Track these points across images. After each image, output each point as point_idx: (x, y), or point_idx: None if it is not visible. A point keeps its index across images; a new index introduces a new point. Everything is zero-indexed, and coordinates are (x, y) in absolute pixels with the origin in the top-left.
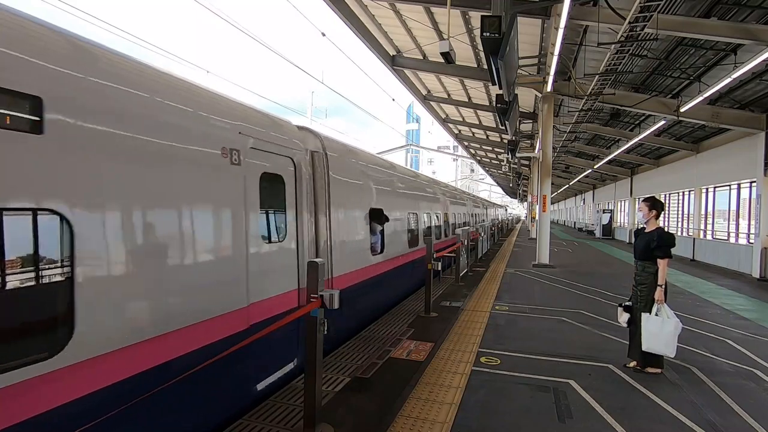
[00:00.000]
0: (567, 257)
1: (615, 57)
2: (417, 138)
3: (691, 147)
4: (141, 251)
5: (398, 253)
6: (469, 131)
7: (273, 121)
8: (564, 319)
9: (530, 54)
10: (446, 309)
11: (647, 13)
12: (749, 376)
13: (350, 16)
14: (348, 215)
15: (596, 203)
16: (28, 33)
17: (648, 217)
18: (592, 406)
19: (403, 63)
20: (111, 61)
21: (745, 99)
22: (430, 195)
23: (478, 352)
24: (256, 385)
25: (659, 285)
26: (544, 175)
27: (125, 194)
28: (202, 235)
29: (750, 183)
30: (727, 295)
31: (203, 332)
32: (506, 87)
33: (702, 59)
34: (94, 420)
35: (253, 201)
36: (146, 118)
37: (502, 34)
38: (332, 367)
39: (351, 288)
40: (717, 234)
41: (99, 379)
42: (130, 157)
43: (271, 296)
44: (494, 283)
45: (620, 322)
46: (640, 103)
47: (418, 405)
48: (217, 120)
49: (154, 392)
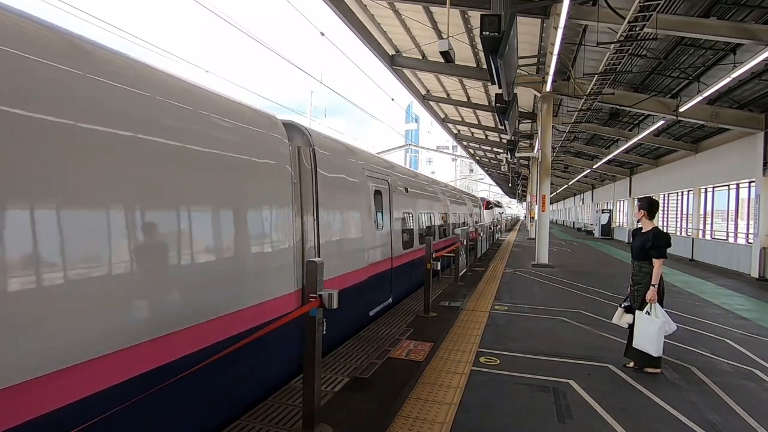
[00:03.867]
0: (566, 257)
1: (614, 57)
2: (416, 138)
3: (690, 147)
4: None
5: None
6: (468, 131)
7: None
8: (563, 318)
9: (529, 54)
10: (445, 309)
11: (646, 12)
12: (749, 375)
13: (349, 15)
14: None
15: (595, 203)
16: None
17: (638, 216)
18: (592, 406)
19: (402, 63)
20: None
21: (744, 99)
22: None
23: (478, 352)
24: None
25: (652, 284)
26: (544, 174)
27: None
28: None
29: (749, 183)
30: (727, 295)
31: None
32: (505, 86)
33: (701, 59)
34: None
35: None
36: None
37: (502, 33)
38: (331, 367)
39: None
40: (716, 234)
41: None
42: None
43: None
44: (494, 283)
45: (619, 323)
46: (639, 103)
47: (417, 405)
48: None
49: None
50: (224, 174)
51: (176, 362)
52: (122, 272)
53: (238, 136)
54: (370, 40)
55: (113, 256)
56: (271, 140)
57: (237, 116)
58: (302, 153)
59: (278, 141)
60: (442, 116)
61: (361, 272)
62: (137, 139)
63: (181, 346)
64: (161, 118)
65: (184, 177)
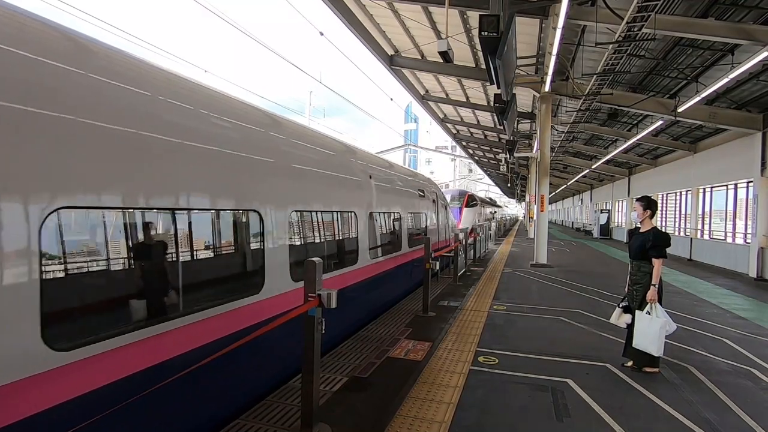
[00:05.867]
0: (565, 257)
1: (613, 57)
2: (415, 138)
3: (688, 147)
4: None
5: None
6: (467, 131)
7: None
8: (562, 318)
9: (528, 54)
10: (444, 308)
11: (645, 13)
12: (747, 375)
13: (348, 15)
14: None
15: (594, 203)
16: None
17: (642, 217)
18: (590, 405)
19: (401, 63)
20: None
21: (742, 99)
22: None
23: (477, 352)
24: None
25: (653, 284)
26: (542, 174)
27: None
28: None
29: (747, 183)
30: (724, 295)
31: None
32: (504, 86)
33: (699, 59)
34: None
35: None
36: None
37: (500, 33)
38: (330, 367)
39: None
40: (714, 234)
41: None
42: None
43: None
44: (492, 283)
45: (617, 323)
46: (637, 103)
47: (416, 404)
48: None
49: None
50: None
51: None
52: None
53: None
54: (369, 40)
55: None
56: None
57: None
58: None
59: None
60: (441, 116)
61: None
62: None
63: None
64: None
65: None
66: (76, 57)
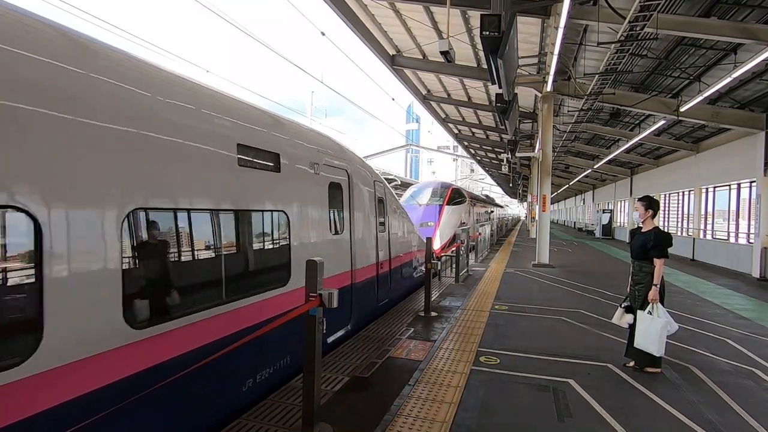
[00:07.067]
0: (567, 257)
1: (615, 56)
2: (417, 138)
3: (690, 147)
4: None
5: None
6: (469, 131)
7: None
8: (564, 318)
9: (530, 53)
10: (446, 308)
11: (647, 12)
12: (749, 375)
13: (350, 15)
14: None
15: (596, 203)
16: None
17: (644, 217)
18: (592, 405)
19: (402, 62)
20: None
21: (745, 99)
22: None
23: (478, 352)
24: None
25: (654, 284)
26: (544, 174)
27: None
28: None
29: (750, 183)
30: (727, 295)
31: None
32: (506, 86)
33: (702, 59)
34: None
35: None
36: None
37: (502, 32)
38: (331, 367)
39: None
40: (717, 234)
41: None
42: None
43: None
44: (494, 283)
45: (619, 323)
46: (639, 103)
47: (417, 404)
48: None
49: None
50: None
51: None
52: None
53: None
54: (370, 40)
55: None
56: None
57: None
58: None
59: None
60: (442, 116)
61: None
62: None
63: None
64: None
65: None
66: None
